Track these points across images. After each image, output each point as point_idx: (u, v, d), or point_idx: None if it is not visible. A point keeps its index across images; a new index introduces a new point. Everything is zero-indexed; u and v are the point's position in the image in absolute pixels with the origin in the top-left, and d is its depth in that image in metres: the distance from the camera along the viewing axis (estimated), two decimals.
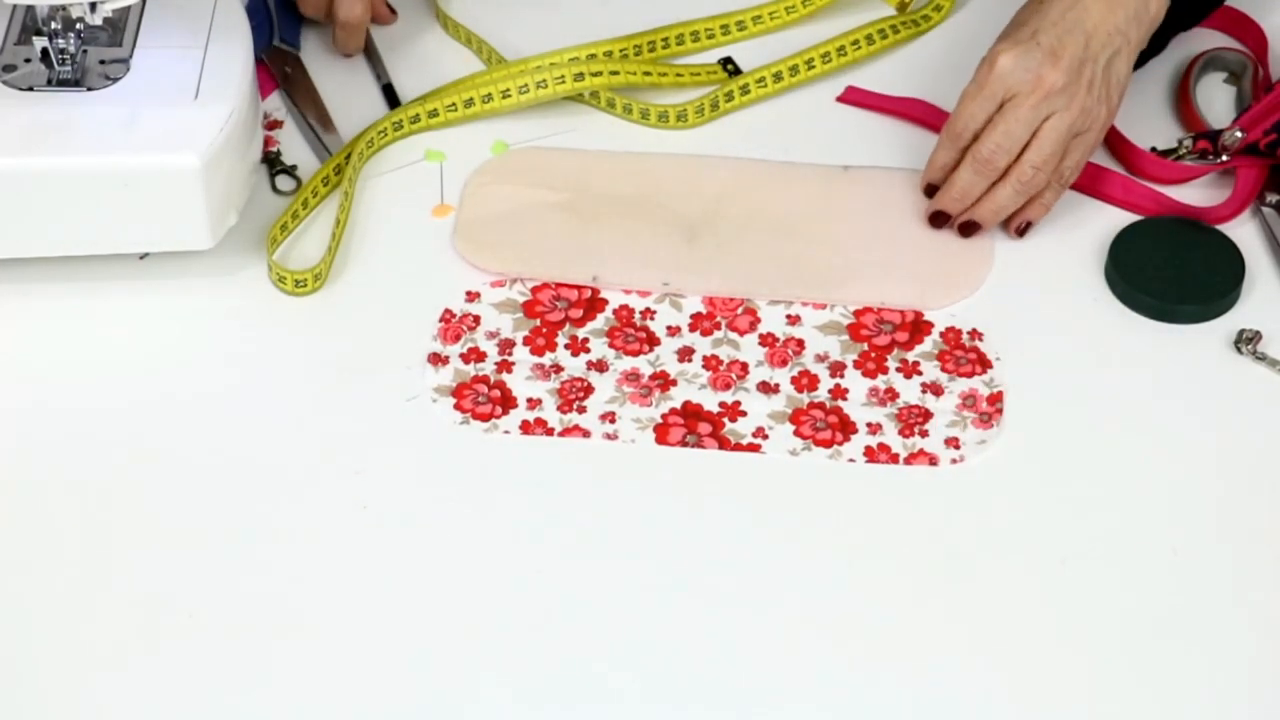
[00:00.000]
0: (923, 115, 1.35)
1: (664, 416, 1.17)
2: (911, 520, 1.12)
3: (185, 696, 1.03)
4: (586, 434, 1.16)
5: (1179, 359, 1.21)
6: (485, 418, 1.16)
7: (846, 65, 1.40)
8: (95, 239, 1.21)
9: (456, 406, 1.17)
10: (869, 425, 1.17)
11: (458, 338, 1.20)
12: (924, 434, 1.16)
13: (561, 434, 1.16)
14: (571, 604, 1.08)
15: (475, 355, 1.19)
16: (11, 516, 1.11)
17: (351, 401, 1.17)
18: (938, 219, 1.26)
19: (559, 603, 1.08)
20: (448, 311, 1.22)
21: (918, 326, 1.22)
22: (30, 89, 1.22)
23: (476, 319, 1.21)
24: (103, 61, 1.23)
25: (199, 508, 1.12)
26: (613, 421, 1.16)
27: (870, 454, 1.15)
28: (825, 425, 1.17)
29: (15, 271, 1.22)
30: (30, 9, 1.24)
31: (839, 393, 1.18)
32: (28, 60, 1.23)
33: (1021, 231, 1.26)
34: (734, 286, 1.24)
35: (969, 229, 1.25)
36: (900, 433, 1.16)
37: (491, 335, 1.21)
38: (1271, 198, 1.29)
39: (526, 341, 1.20)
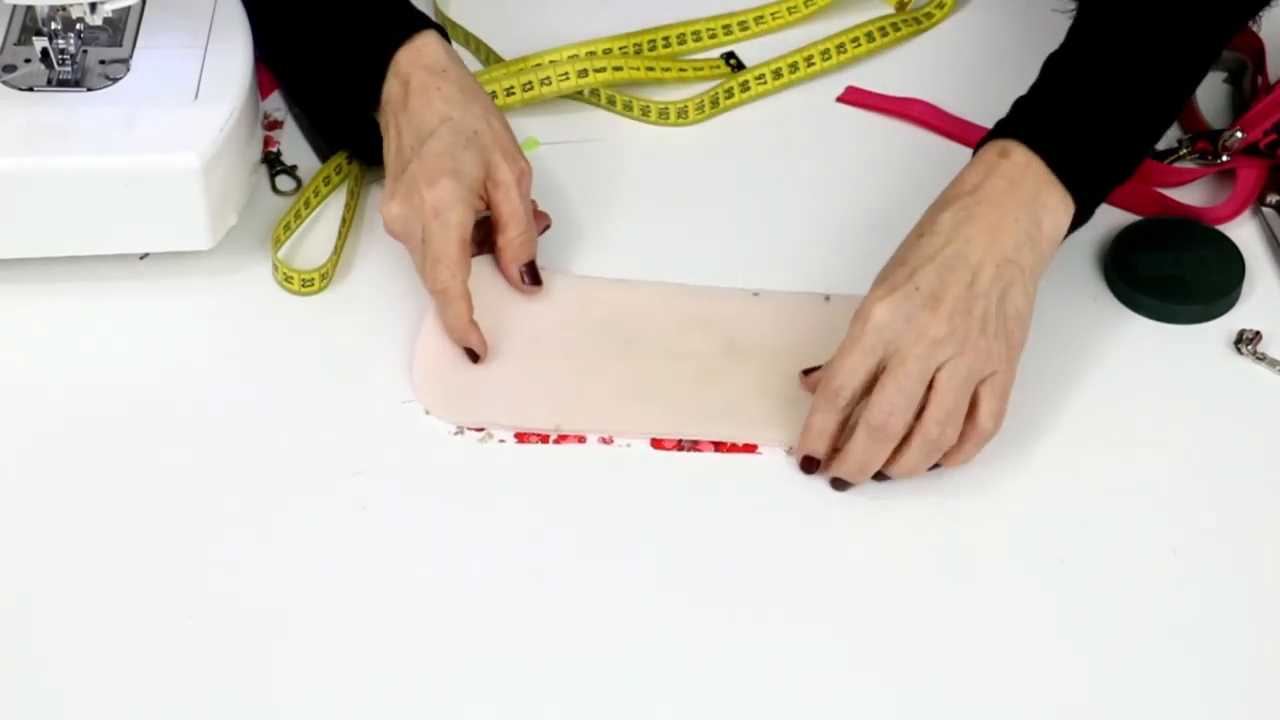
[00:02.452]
0: (923, 115, 1.36)
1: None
2: (911, 520, 1.12)
3: (184, 696, 1.03)
4: (582, 439, 1.16)
5: (1179, 359, 1.21)
6: (481, 428, 1.16)
7: (847, 62, 1.40)
8: (95, 239, 1.21)
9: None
10: None
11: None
12: None
13: (557, 440, 1.16)
14: (571, 604, 1.07)
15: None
16: (11, 516, 1.11)
17: (351, 401, 1.17)
18: (842, 485, 1.13)
19: (559, 603, 1.08)
20: None
21: None
22: (30, 89, 1.22)
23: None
24: (103, 61, 1.23)
25: (199, 508, 1.12)
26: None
27: None
28: None
29: (15, 271, 1.22)
30: (30, 9, 1.24)
31: None
32: (28, 60, 1.23)
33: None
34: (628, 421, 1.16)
35: (845, 485, 1.13)
36: None
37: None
38: (1271, 198, 1.30)
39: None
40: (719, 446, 1.15)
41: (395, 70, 1.21)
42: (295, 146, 1.32)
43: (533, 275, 1.21)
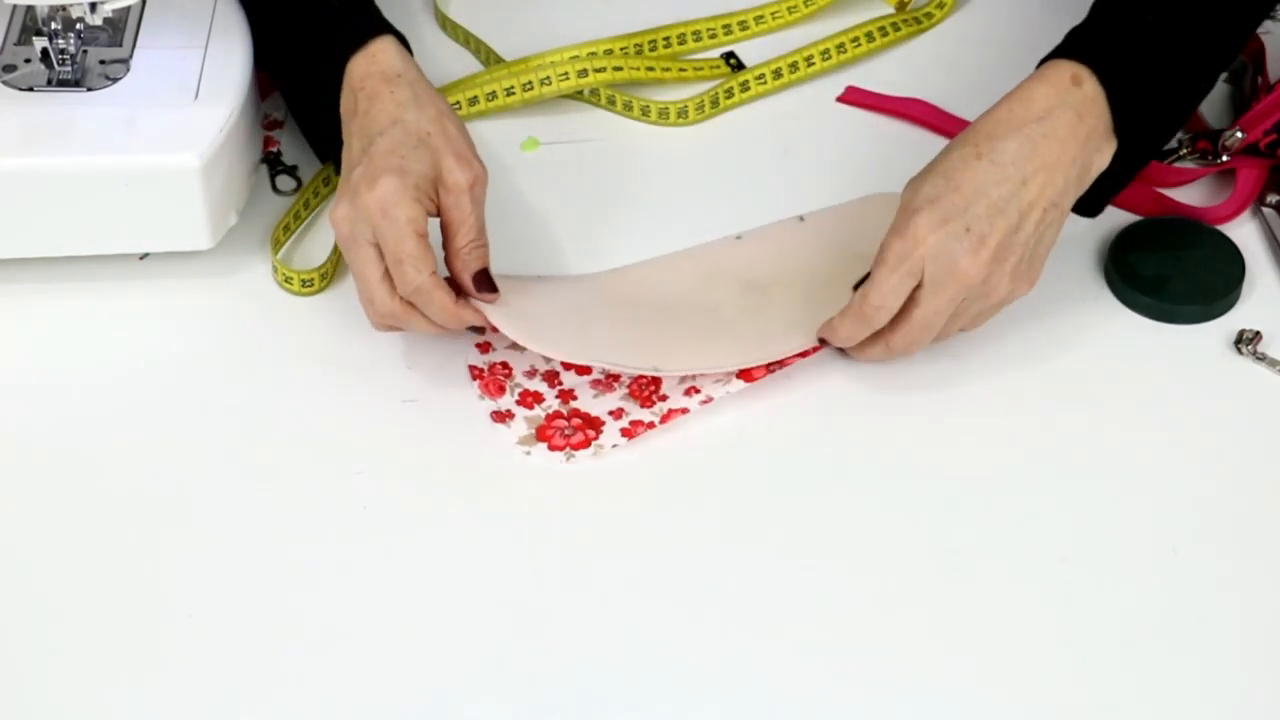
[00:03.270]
0: (923, 115, 1.35)
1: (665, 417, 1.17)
2: (911, 520, 1.12)
3: (184, 696, 1.03)
4: (685, 411, 1.16)
5: (1179, 359, 1.21)
6: (585, 445, 1.15)
7: (847, 62, 1.40)
8: (95, 239, 1.21)
9: (551, 448, 1.15)
10: None
11: (502, 389, 1.18)
12: None
13: (663, 420, 1.16)
14: (571, 605, 1.07)
15: (534, 397, 1.18)
16: (11, 516, 1.11)
17: (352, 401, 1.17)
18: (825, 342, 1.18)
19: (559, 603, 1.08)
20: (474, 369, 1.19)
21: None
22: (30, 89, 1.22)
23: (507, 366, 1.20)
24: (103, 61, 1.23)
25: (198, 508, 1.12)
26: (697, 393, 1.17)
27: None
28: None
29: (15, 271, 1.22)
30: (30, 9, 1.24)
31: None
32: (28, 60, 1.23)
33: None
34: (715, 359, 1.18)
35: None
36: None
37: (530, 374, 1.20)
38: (1271, 198, 1.29)
39: (566, 367, 1.19)
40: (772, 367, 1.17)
41: (349, 80, 1.19)
42: (295, 146, 1.32)
43: (487, 284, 1.16)
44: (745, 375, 1.17)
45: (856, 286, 1.17)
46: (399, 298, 1.14)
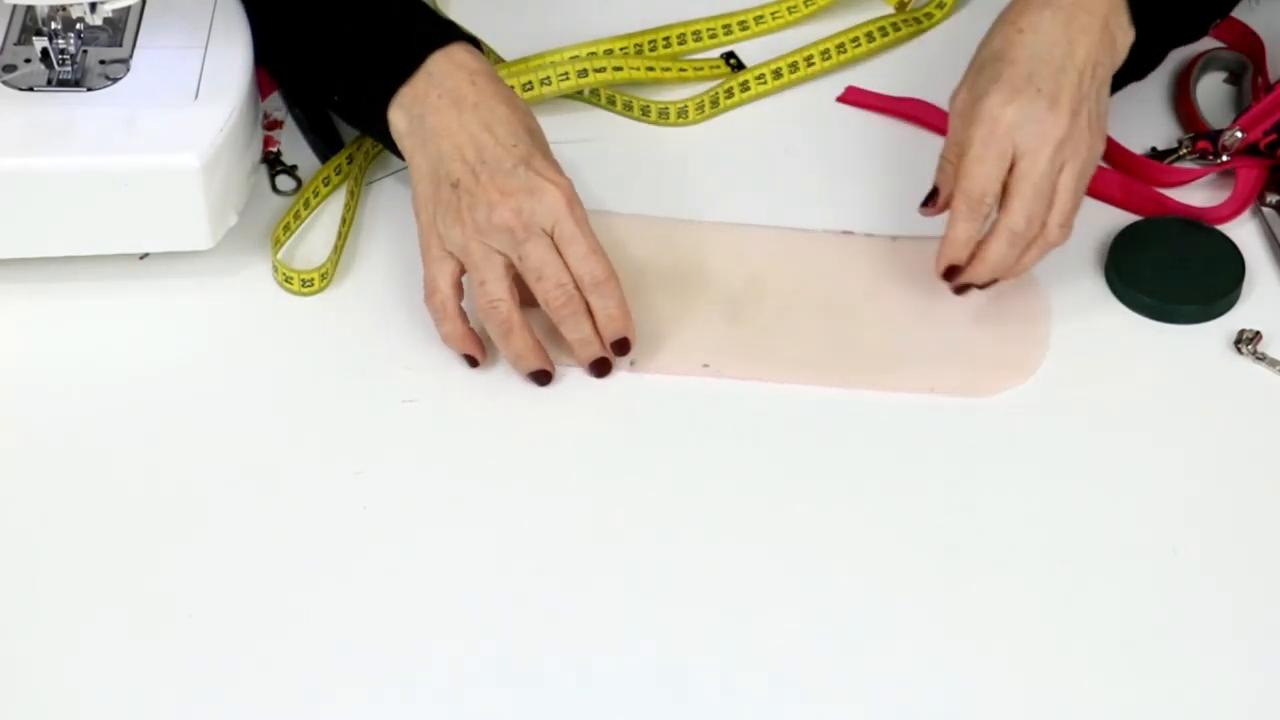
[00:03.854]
0: (923, 115, 1.36)
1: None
2: (911, 520, 1.12)
3: (184, 696, 1.03)
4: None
5: (1179, 359, 1.21)
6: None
7: (847, 62, 1.40)
8: (95, 239, 1.21)
9: None
10: None
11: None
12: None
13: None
14: (571, 605, 1.08)
15: None
16: (11, 516, 1.11)
17: (351, 402, 1.18)
18: (964, 289, 1.20)
19: (559, 604, 1.08)
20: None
21: None
22: (30, 89, 1.22)
23: None
24: (103, 61, 1.23)
25: (198, 508, 1.12)
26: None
27: None
28: None
29: (15, 271, 1.22)
30: (30, 9, 1.24)
31: None
32: (28, 60, 1.23)
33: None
34: (778, 371, 1.19)
35: (967, 289, 1.21)
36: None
37: None
38: (1271, 198, 1.30)
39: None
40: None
41: (451, 62, 1.18)
42: (295, 146, 1.32)
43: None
44: None
45: (924, 203, 1.20)
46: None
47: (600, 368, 1.18)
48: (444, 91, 1.18)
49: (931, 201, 1.20)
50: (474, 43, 1.22)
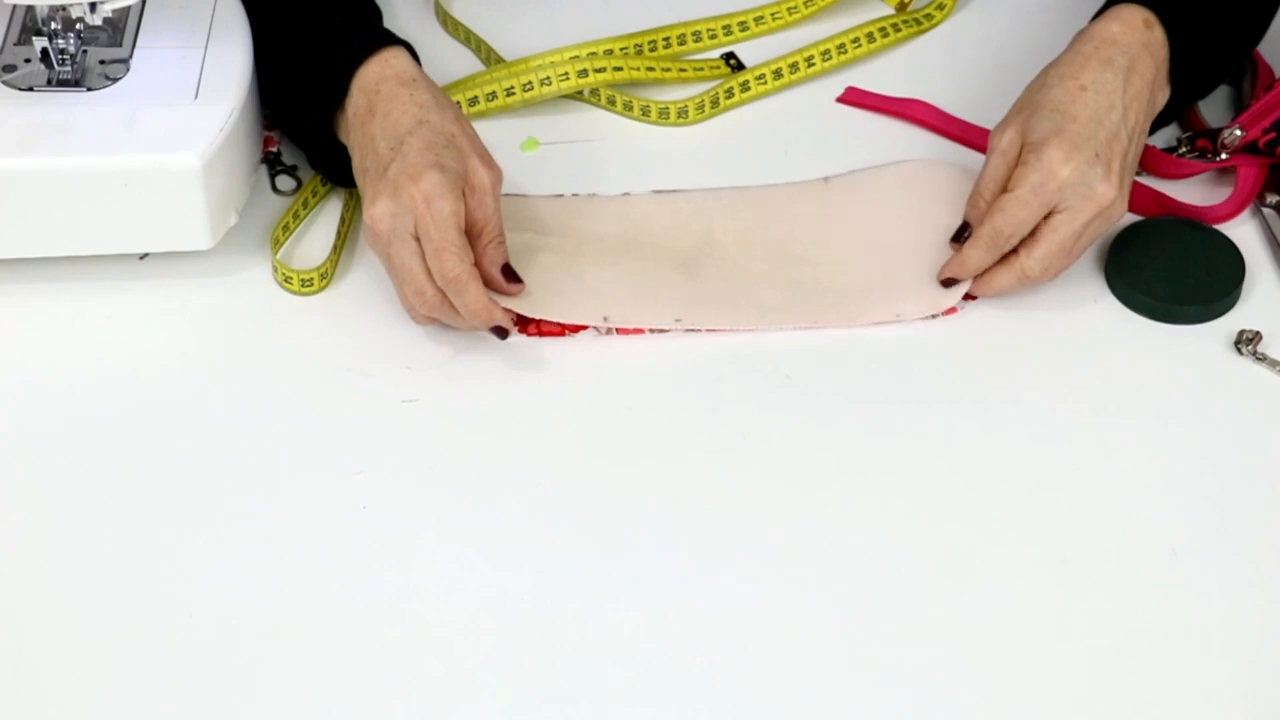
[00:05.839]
0: (923, 115, 1.35)
1: None
2: (911, 520, 1.12)
3: (184, 696, 1.03)
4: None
5: (1179, 359, 1.21)
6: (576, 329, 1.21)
7: (847, 63, 1.40)
8: (95, 239, 1.21)
9: (544, 332, 1.21)
10: None
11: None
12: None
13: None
14: (572, 605, 1.08)
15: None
16: (11, 516, 1.11)
17: (351, 401, 1.18)
18: (951, 282, 1.23)
19: (559, 604, 1.08)
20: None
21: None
22: (30, 89, 1.22)
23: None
24: (103, 61, 1.23)
25: (198, 508, 1.12)
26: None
27: None
28: None
29: (15, 271, 1.22)
30: (30, 9, 1.24)
31: None
32: (28, 60, 1.23)
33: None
34: (749, 318, 1.21)
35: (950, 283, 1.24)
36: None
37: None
38: (1271, 198, 1.30)
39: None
40: None
41: (361, 82, 1.21)
42: (295, 147, 1.32)
43: (513, 276, 1.20)
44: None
45: (955, 239, 1.22)
46: (438, 288, 1.17)
47: (497, 333, 1.19)
48: (356, 109, 1.21)
49: (963, 237, 1.22)
50: (393, 42, 1.23)
